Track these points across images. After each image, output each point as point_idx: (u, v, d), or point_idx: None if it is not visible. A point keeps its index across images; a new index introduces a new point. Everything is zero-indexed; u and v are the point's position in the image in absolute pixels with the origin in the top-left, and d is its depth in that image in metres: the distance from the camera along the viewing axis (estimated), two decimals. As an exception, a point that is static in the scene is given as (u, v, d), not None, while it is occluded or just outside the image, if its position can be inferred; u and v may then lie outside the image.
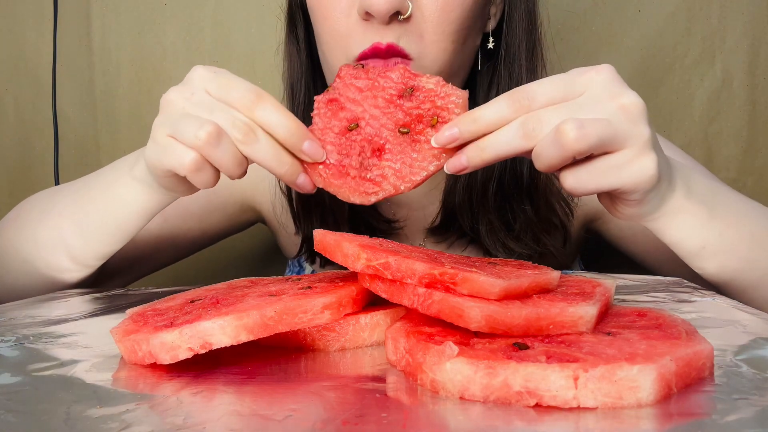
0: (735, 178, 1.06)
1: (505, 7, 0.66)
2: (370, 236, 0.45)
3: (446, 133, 0.44)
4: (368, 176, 0.47)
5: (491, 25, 0.67)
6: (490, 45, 0.67)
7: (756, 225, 0.55)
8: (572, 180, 0.43)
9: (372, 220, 0.73)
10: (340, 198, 0.47)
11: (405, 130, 0.47)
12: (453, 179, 0.70)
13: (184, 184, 0.52)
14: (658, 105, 1.06)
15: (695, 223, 0.51)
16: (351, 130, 0.48)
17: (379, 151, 0.47)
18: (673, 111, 1.06)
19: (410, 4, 0.56)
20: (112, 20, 1.11)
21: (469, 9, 0.59)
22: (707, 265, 0.53)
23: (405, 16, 0.56)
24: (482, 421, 0.28)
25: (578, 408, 0.28)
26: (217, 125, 0.45)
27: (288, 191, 0.72)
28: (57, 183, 1.13)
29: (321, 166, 0.47)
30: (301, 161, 0.47)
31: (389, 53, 0.57)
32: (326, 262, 0.77)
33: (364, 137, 0.48)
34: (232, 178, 0.48)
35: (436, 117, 0.46)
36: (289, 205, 0.73)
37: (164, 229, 0.74)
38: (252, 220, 0.83)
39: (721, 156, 1.06)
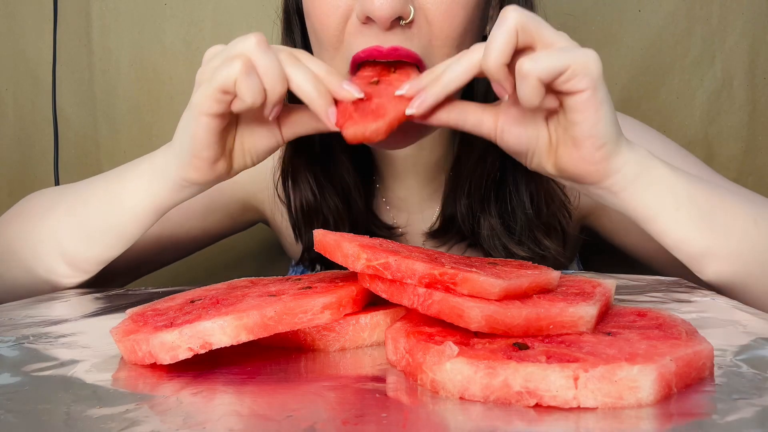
0: (735, 178, 1.06)
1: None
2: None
3: (411, 84, 0.50)
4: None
5: (490, 28, 0.66)
6: None
7: (754, 211, 0.54)
8: (529, 62, 0.45)
9: (373, 227, 0.73)
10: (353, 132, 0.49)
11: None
12: (452, 183, 0.70)
13: (223, 120, 0.51)
14: (658, 105, 1.06)
15: (669, 194, 0.51)
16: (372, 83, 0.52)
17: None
18: (673, 111, 1.06)
19: (413, 9, 0.55)
20: (112, 20, 1.11)
21: (471, 12, 0.58)
22: (699, 250, 0.52)
23: (407, 21, 0.55)
24: (482, 421, 0.28)
25: (578, 408, 0.28)
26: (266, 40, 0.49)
27: (288, 201, 0.72)
28: (57, 182, 1.13)
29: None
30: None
31: (392, 55, 0.55)
32: (327, 269, 0.77)
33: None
34: (272, 94, 0.48)
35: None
36: (289, 214, 0.73)
37: (166, 228, 0.74)
38: (254, 219, 0.83)
39: (721, 156, 1.06)
